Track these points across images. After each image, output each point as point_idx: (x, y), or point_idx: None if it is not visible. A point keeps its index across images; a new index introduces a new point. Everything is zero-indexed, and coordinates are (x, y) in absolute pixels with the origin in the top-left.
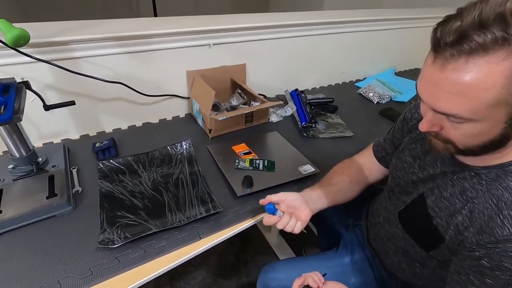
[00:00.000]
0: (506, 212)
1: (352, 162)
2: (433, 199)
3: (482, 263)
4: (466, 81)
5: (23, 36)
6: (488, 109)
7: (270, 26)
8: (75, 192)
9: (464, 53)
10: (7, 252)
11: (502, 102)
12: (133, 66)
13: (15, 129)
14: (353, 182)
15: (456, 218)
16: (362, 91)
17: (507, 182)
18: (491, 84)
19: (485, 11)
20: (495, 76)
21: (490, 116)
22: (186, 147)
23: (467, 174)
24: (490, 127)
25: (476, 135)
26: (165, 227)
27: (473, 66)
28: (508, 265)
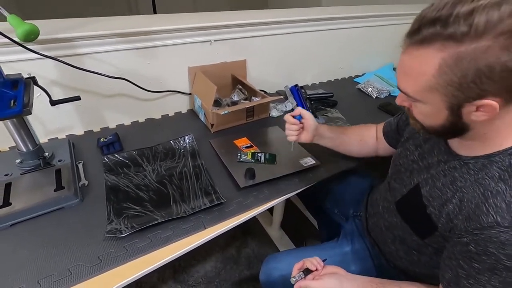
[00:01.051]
0: (491, 200)
1: (368, 128)
2: (427, 189)
3: (469, 249)
4: (412, 65)
5: (33, 31)
6: (424, 92)
7: (270, 23)
8: (82, 185)
9: (415, 42)
10: (19, 242)
11: (433, 88)
12: (136, 63)
13: (22, 124)
14: (362, 142)
15: (447, 206)
16: (361, 86)
17: (492, 172)
18: (426, 71)
19: (439, 11)
20: (429, 65)
21: (428, 100)
22: (189, 141)
23: (457, 164)
24: (435, 111)
25: (426, 116)
26: (170, 218)
27: (419, 53)
28: (493, 250)
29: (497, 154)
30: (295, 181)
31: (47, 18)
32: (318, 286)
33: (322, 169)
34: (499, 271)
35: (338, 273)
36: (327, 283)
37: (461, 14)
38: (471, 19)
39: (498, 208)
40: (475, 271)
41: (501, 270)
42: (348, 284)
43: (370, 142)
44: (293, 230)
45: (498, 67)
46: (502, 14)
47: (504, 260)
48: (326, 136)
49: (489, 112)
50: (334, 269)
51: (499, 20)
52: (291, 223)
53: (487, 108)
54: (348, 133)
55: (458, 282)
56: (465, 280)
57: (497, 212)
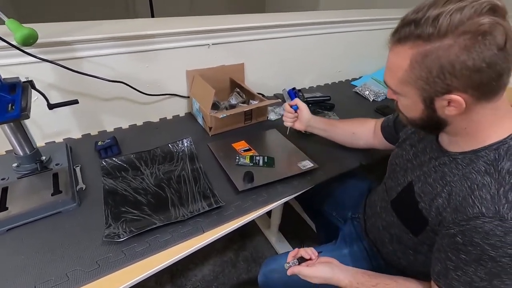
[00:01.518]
0: (477, 193)
1: (362, 122)
2: (419, 186)
3: (456, 240)
4: (392, 60)
5: (31, 35)
6: (401, 85)
7: (268, 26)
8: (79, 189)
9: (395, 40)
10: (15, 247)
11: (406, 82)
12: (134, 66)
13: (19, 128)
14: (355, 135)
15: (437, 200)
16: (358, 89)
17: (479, 166)
18: (401, 66)
19: (416, 14)
20: (403, 60)
21: (405, 92)
22: (187, 144)
23: (447, 160)
24: (413, 103)
25: (406, 109)
26: (169, 221)
27: (397, 50)
28: (478, 240)
29: (483, 149)
30: (294, 184)
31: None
32: (310, 272)
33: (320, 172)
34: (485, 262)
35: (331, 263)
36: (319, 271)
37: (430, 17)
38: (436, 21)
39: (483, 199)
40: (463, 262)
41: (486, 261)
42: (340, 273)
43: (364, 135)
44: (291, 233)
45: (458, 65)
46: (463, 17)
47: (489, 251)
48: (318, 127)
49: (458, 107)
50: (328, 259)
51: (459, 23)
52: (289, 226)
53: (455, 103)
54: (340, 126)
55: (447, 274)
56: (453, 272)
57: (482, 203)
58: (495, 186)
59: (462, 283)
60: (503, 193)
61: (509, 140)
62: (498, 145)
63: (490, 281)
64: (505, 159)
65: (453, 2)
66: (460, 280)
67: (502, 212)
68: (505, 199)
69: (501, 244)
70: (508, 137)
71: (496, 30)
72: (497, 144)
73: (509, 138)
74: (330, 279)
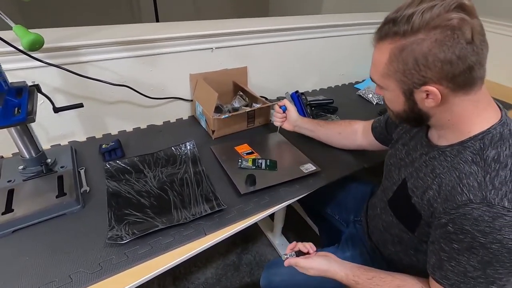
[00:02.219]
0: (465, 181)
1: (350, 122)
2: (412, 181)
3: (448, 229)
4: (375, 56)
5: (38, 40)
6: (382, 78)
7: (271, 30)
8: (84, 191)
9: (378, 38)
10: (20, 249)
11: (387, 75)
12: (138, 70)
13: (25, 131)
14: (341, 135)
15: (428, 193)
16: (361, 93)
17: (466, 156)
18: (382, 60)
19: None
20: (383, 55)
21: (387, 86)
22: (190, 147)
23: (436, 153)
24: (395, 96)
25: (390, 102)
26: (171, 224)
27: (379, 46)
28: (468, 228)
29: (469, 140)
30: (296, 187)
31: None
32: (307, 264)
33: (323, 175)
34: (476, 250)
35: (328, 256)
36: (316, 262)
37: (406, 15)
38: (411, 18)
39: (471, 187)
40: (455, 252)
41: (478, 249)
42: (337, 265)
43: (351, 136)
44: (294, 236)
45: (430, 57)
46: (433, 14)
47: (479, 237)
48: (305, 127)
49: (434, 99)
50: (325, 253)
51: (430, 19)
52: (292, 229)
53: (432, 94)
54: (327, 127)
55: (442, 266)
56: (447, 263)
57: (469, 190)
58: (481, 173)
59: (456, 273)
60: (490, 179)
61: (493, 130)
62: (482, 135)
63: (483, 270)
64: (490, 148)
65: (426, 1)
66: (454, 270)
67: (489, 198)
68: (491, 185)
69: (490, 230)
70: (492, 127)
71: (463, 26)
72: (481, 134)
73: (493, 128)
74: (327, 271)
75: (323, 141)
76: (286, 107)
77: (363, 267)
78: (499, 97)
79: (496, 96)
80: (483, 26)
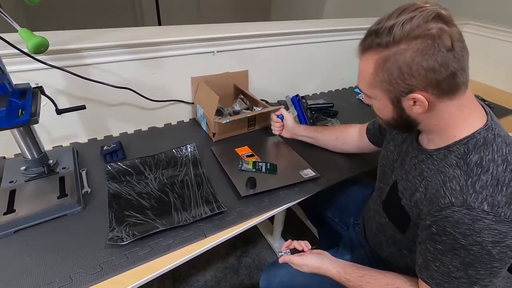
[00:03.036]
0: (448, 184)
1: (347, 127)
2: (402, 183)
3: (432, 230)
4: (361, 67)
5: (43, 43)
6: (370, 88)
7: (272, 34)
8: (85, 192)
9: (362, 49)
10: (21, 249)
11: (373, 85)
12: (140, 73)
13: (28, 132)
14: (339, 140)
15: (416, 195)
16: (362, 97)
17: (451, 160)
18: (368, 70)
19: (376, 25)
20: (370, 65)
21: (374, 95)
22: (191, 150)
23: (424, 157)
24: (383, 105)
25: (379, 110)
26: (171, 226)
27: (364, 58)
28: (450, 230)
29: (454, 144)
30: (296, 190)
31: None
32: (300, 261)
33: (323, 179)
34: (458, 251)
35: (322, 254)
36: (309, 259)
37: (387, 27)
38: (391, 30)
39: (453, 190)
40: (439, 252)
41: (459, 250)
42: (329, 263)
43: (348, 140)
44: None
45: (414, 66)
46: (413, 25)
47: (460, 239)
48: (303, 134)
49: (422, 105)
50: (320, 251)
51: (410, 30)
52: (291, 232)
53: (419, 101)
54: (324, 133)
55: (427, 266)
56: (432, 264)
57: (452, 194)
58: (464, 177)
59: (441, 273)
60: (471, 183)
61: (477, 135)
62: (467, 139)
63: (465, 271)
64: (473, 152)
65: (405, 13)
66: (439, 271)
67: (469, 201)
68: (472, 189)
69: (470, 232)
70: (476, 132)
71: (443, 34)
72: (466, 139)
73: (477, 133)
74: (319, 268)
75: (323, 147)
76: (283, 115)
77: (355, 265)
78: (498, 102)
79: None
80: (461, 33)
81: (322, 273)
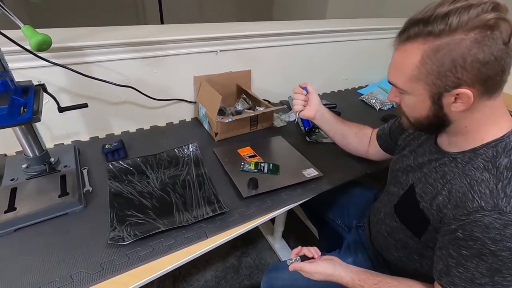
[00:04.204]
0: (476, 188)
1: (364, 126)
2: (420, 187)
3: (457, 235)
4: (400, 59)
5: (46, 41)
6: (410, 82)
7: (275, 34)
8: (86, 191)
9: (403, 39)
10: (21, 248)
11: (417, 78)
12: (143, 71)
13: (30, 130)
14: (357, 136)
15: (438, 199)
16: (364, 98)
17: (477, 163)
18: (411, 63)
19: (423, 14)
20: (414, 57)
21: (414, 90)
22: (193, 149)
23: (447, 160)
24: (421, 101)
25: (412, 108)
26: (173, 226)
27: (406, 48)
28: (478, 234)
29: (481, 147)
30: (298, 191)
31: (58, 25)
32: (312, 268)
33: (325, 180)
34: (485, 257)
35: (333, 260)
36: (321, 266)
37: (439, 15)
38: (447, 18)
39: (482, 194)
40: (464, 258)
41: (487, 255)
42: (342, 269)
43: (364, 139)
44: (295, 240)
45: (469, 58)
46: (471, 14)
47: (489, 244)
48: (327, 116)
49: (465, 102)
50: (330, 257)
51: (468, 19)
52: (292, 233)
53: (463, 97)
54: (346, 123)
55: (449, 272)
56: (455, 269)
57: (481, 197)
58: (493, 181)
59: (464, 280)
60: (501, 187)
61: (506, 138)
62: (496, 142)
63: (491, 277)
64: (502, 156)
65: (460, 1)
66: (462, 277)
67: (501, 205)
68: (503, 193)
69: (501, 238)
70: (505, 135)
71: (502, 25)
72: (494, 142)
73: (506, 136)
74: (332, 275)
75: (336, 139)
76: (307, 89)
77: (369, 271)
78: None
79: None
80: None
81: (334, 280)
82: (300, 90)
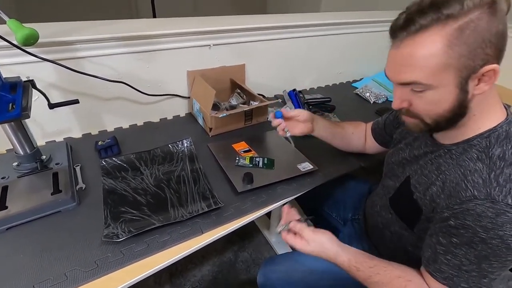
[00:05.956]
0: (470, 177)
1: (358, 123)
2: (415, 178)
3: (449, 223)
4: (414, 54)
5: (32, 35)
6: (438, 73)
7: (269, 27)
8: (79, 188)
9: (412, 32)
10: (14, 246)
11: (447, 65)
12: (135, 66)
13: (20, 127)
14: (355, 135)
15: (431, 189)
16: (359, 91)
17: (471, 154)
18: (436, 51)
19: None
20: (434, 45)
21: (442, 80)
22: (187, 145)
23: (442, 152)
24: (447, 92)
25: (437, 102)
26: (168, 222)
27: (420, 40)
28: (470, 223)
29: (475, 138)
30: (293, 185)
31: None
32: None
33: (320, 174)
34: (475, 244)
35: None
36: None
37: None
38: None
39: (475, 183)
40: (453, 245)
41: (477, 243)
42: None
43: (361, 136)
44: None
45: (494, 29)
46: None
47: (480, 233)
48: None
49: (491, 79)
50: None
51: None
52: None
53: (489, 74)
54: (342, 126)
55: (436, 259)
56: (442, 256)
57: (474, 187)
58: (486, 171)
59: (451, 267)
60: (494, 177)
61: (499, 128)
62: (489, 133)
63: (478, 264)
64: (495, 146)
65: None
66: (449, 264)
67: (493, 194)
68: (496, 182)
69: (492, 226)
70: (498, 125)
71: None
72: (488, 132)
73: (499, 126)
74: (328, 249)
75: (336, 143)
76: (281, 112)
77: (366, 254)
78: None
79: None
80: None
81: (329, 255)
82: (277, 122)
